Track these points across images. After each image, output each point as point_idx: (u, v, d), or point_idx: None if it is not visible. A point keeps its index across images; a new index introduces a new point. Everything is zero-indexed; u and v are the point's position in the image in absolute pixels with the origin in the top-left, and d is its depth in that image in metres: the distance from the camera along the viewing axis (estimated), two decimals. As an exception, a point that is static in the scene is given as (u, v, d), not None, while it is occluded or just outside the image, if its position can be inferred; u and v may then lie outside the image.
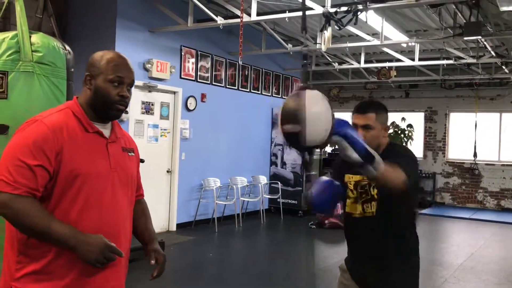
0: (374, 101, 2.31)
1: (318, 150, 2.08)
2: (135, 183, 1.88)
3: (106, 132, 1.75)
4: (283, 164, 9.70)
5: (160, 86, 7.19)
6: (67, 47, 2.21)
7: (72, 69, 2.19)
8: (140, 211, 1.95)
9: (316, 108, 1.74)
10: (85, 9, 6.91)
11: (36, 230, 1.53)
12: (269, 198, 9.48)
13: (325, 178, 2.20)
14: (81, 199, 1.61)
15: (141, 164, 6.69)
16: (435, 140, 12.24)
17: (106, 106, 1.70)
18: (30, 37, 2.06)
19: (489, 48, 7.99)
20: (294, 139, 1.86)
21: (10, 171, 1.52)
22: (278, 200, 9.34)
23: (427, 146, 12.34)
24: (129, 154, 1.84)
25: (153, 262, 1.84)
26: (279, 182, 9.40)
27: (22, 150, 1.55)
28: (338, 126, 1.82)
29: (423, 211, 10.86)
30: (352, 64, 9.74)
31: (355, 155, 1.83)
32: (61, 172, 1.58)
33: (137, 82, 6.82)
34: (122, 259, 1.70)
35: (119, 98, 1.70)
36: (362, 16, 5.77)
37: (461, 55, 8.80)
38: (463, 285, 5.39)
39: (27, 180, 1.52)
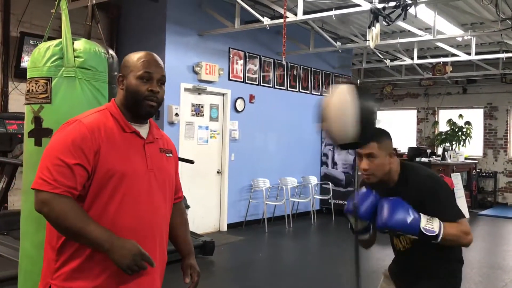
0: (378, 129, 2.24)
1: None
2: (173, 184, 1.88)
3: (143, 132, 1.76)
4: (334, 164, 9.56)
5: (209, 88, 7.30)
6: (111, 52, 2.29)
7: (116, 73, 2.26)
8: (179, 218, 1.95)
9: (337, 103, 1.74)
10: (136, 15, 7.15)
11: (72, 231, 1.55)
12: (320, 199, 9.38)
13: (364, 189, 2.22)
14: (117, 198, 1.62)
15: (191, 165, 6.83)
16: (496, 138, 11.65)
17: (137, 103, 1.71)
18: (73, 43, 2.15)
19: (553, 39, 7.51)
20: (329, 137, 1.91)
21: (50, 170, 1.56)
22: (329, 200, 9.23)
23: (487, 144, 11.77)
24: (167, 155, 1.84)
25: (187, 280, 1.85)
26: (330, 183, 9.29)
27: (62, 149, 1.58)
28: (386, 220, 1.98)
29: (484, 212, 10.36)
30: (405, 61, 9.46)
31: (411, 236, 2.01)
32: (98, 171, 1.60)
33: (186, 85, 6.99)
34: (158, 265, 1.70)
35: (148, 93, 1.70)
36: (412, 10, 5.59)
37: (523, 47, 8.33)
38: (525, 290, 5.10)
39: (66, 179, 1.55)
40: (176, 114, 6.75)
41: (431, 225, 1.97)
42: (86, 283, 1.59)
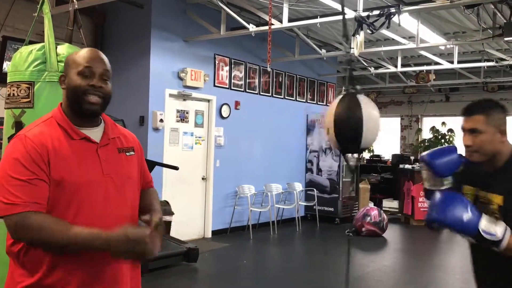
0: (486, 100, 1.94)
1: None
2: (136, 183, 1.80)
3: (96, 135, 1.67)
4: (319, 171, 9.60)
5: (195, 94, 7.29)
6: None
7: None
8: (146, 198, 1.86)
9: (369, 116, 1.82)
10: (121, 20, 7.12)
11: (57, 243, 1.49)
12: (305, 205, 9.41)
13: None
14: (72, 209, 1.56)
15: (176, 171, 6.79)
16: (478, 145, 11.82)
17: (78, 100, 1.61)
18: (56, 48, 2.13)
19: (533, 49, 7.68)
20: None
21: (10, 191, 1.48)
22: (314, 207, 9.25)
23: (470, 151, 11.93)
24: (127, 154, 1.75)
25: (146, 217, 1.70)
26: (315, 189, 9.32)
27: (15, 168, 1.51)
28: (438, 213, 1.70)
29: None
30: (389, 68, 9.57)
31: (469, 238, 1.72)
32: (51, 183, 1.53)
33: (171, 91, 6.97)
34: (125, 270, 1.65)
35: (89, 88, 1.61)
36: (395, 19, 5.67)
37: (503, 56, 8.49)
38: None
39: (29, 195, 1.49)
40: (161, 120, 6.72)
41: (493, 228, 1.66)
42: None
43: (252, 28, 6.49)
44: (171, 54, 6.97)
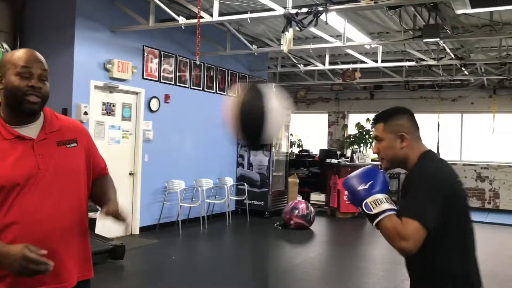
0: (392, 108, 2.03)
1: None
2: (81, 174, 1.83)
3: (31, 132, 1.71)
4: (250, 165, 9.68)
5: (122, 86, 7.07)
6: (5, 45, 2.13)
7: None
8: (101, 186, 1.94)
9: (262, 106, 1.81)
10: (43, 8, 6.73)
11: None
12: (235, 199, 9.44)
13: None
14: (4, 208, 1.60)
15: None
16: (400, 141, 12.44)
17: (17, 100, 1.66)
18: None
19: (449, 50, 8.18)
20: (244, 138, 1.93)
21: None
22: (244, 201, 9.31)
23: (392, 146, 12.53)
24: (67, 146, 1.79)
25: (104, 210, 1.81)
26: (245, 184, 9.38)
27: None
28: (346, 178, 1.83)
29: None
30: (317, 66, 9.81)
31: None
32: None
33: (97, 83, 6.71)
34: (67, 261, 1.71)
35: (28, 89, 1.65)
36: (323, 17, 5.81)
37: (423, 57, 8.98)
38: None
39: None
40: (85, 113, 6.44)
41: (376, 205, 1.75)
42: None
43: (182, 20, 6.39)
44: (97, 44, 6.70)
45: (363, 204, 1.77)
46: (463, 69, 9.71)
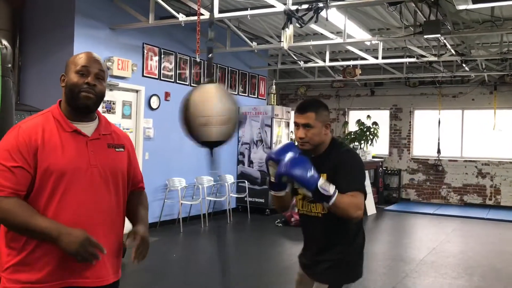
0: (315, 100, 2.41)
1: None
2: (123, 178, 1.94)
3: (87, 130, 1.85)
4: (250, 162, 9.67)
5: (122, 84, 7.05)
6: (4, 42, 2.11)
7: (9, 65, 2.09)
8: (136, 200, 2.04)
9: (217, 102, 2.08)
10: (43, 5, 6.72)
11: (20, 226, 1.66)
12: (236, 197, 9.44)
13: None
14: (58, 194, 1.72)
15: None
16: (400, 138, 12.44)
17: (74, 96, 1.80)
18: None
19: (449, 47, 8.16)
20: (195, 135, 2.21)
21: None
22: (245, 199, 9.31)
23: (392, 143, 12.54)
24: (116, 149, 1.92)
25: (127, 243, 1.87)
26: (246, 181, 9.37)
27: (2, 155, 1.70)
28: (286, 168, 2.02)
29: (389, 207, 11.02)
30: (318, 63, 9.78)
31: (307, 192, 2.06)
32: (38, 171, 1.71)
33: (97, 81, 6.68)
34: (106, 258, 1.77)
35: (84, 85, 1.79)
36: (323, 14, 5.78)
37: (423, 53, 8.95)
38: (422, 279, 5.48)
39: (9, 181, 1.66)
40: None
41: (327, 186, 2.04)
42: (30, 276, 1.70)
43: (181, 17, 6.37)
44: (96, 42, 6.68)
45: (319, 188, 2.01)
46: (464, 65, 9.68)
